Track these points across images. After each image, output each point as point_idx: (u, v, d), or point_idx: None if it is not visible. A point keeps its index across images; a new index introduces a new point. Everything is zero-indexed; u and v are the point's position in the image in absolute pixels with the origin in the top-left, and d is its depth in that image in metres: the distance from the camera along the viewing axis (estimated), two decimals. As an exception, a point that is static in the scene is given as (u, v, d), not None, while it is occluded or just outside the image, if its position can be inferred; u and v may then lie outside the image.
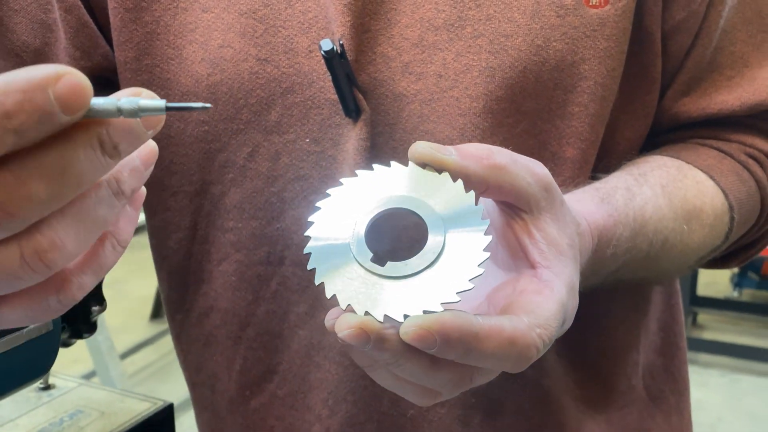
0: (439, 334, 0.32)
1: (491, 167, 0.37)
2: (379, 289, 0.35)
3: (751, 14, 0.60)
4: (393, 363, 0.35)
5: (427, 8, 0.53)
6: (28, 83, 0.24)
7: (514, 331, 0.34)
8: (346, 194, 0.38)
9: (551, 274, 0.38)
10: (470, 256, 0.35)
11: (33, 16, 0.60)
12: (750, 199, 0.60)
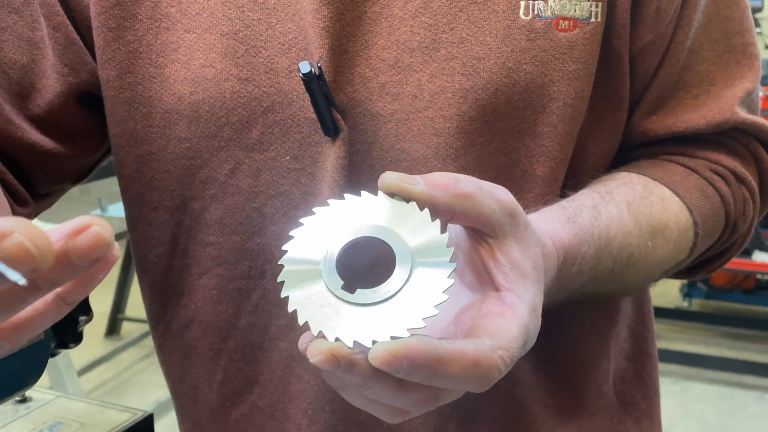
0: (406, 358, 0.34)
1: (457, 196, 0.40)
2: (349, 316, 0.37)
3: (717, 35, 0.63)
4: (363, 386, 0.37)
5: (402, 31, 0.56)
6: None
7: (477, 354, 0.36)
8: (317, 223, 0.40)
9: (514, 297, 0.40)
10: (435, 283, 0.37)
11: (20, 33, 0.61)
12: (714, 214, 0.63)
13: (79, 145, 0.66)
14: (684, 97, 0.63)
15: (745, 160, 0.65)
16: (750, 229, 0.67)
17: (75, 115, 0.63)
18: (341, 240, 0.39)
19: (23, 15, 0.61)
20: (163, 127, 0.60)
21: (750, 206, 0.65)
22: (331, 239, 0.39)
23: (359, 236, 0.39)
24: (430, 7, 0.55)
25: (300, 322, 0.37)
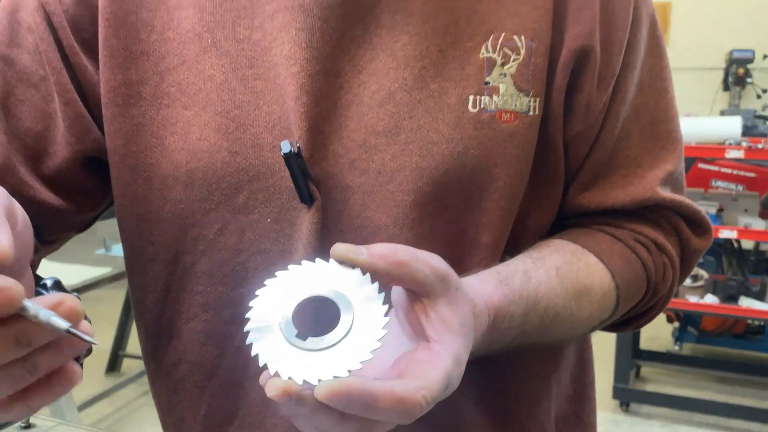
0: (344, 394, 0.43)
1: (394, 263, 0.48)
2: (301, 359, 0.45)
3: (645, 123, 0.72)
4: (310, 416, 0.45)
5: (370, 116, 0.65)
6: None
7: (403, 393, 0.44)
8: (278, 284, 0.49)
9: (441, 348, 0.48)
10: (372, 333, 0.45)
11: (36, 105, 0.70)
12: (636, 279, 0.71)
13: (83, 203, 0.75)
14: (613, 177, 0.72)
15: (667, 232, 0.74)
16: (671, 292, 0.76)
17: (80, 177, 0.73)
18: (297, 298, 0.48)
19: (40, 89, 0.70)
20: (161, 190, 0.69)
21: (669, 272, 0.73)
22: (289, 297, 0.48)
23: (312, 295, 0.48)
24: (393, 98, 0.64)
25: (260, 364, 0.45)
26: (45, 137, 0.71)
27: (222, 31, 0.67)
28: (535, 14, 0.65)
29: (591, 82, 0.67)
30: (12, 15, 0.71)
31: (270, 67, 0.66)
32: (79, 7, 0.69)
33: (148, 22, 0.68)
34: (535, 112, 0.66)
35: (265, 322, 0.47)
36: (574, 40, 0.66)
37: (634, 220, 0.73)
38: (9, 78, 0.70)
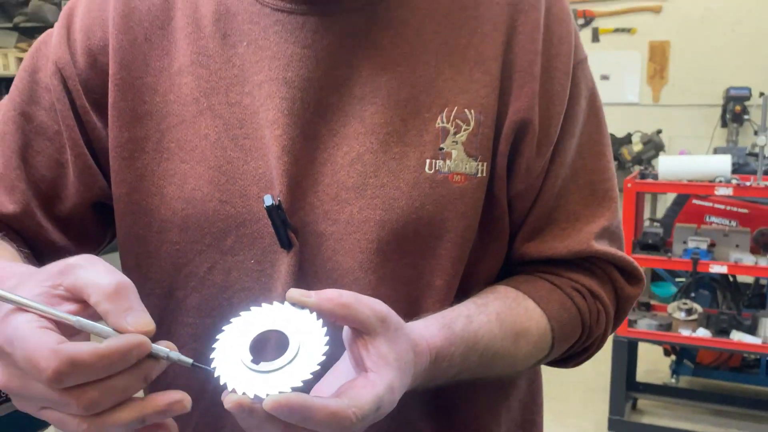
0: (286, 406, 0.52)
1: (339, 305, 0.58)
2: (254, 379, 0.54)
3: (584, 182, 0.82)
4: (260, 426, 0.54)
5: (342, 174, 0.75)
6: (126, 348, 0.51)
7: (336, 408, 0.54)
8: (242, 321, 0.59)
9: (376, 377, 0.58)
10: (313, 359, 0.55)
11: (51, 156, 0.81)
12: (571, 322, 0.80)
13: (87, 243, 0.85)
14: (554, 230, 0.81)
15: (602, 280, 0.83)
16: (605, 334, 0.85)
17: (87, 220, 0.83)
18: (256, 331, 0.58)
19: (54, 142, 0.81)
20: (159, 233, 0.79)
21: (603, 317, 0.83)
22: (250, 331, 0.58)
23: (267, 329, 0.58)
24: (361, 159, 0.74)
25: (221, 383, 0.55)
26: (57, 184, 0.81)
27: (216, 96, 0.77)
28: (484, 91, 0.75)
29: (530, 148, 0.77)
30: (32, 76, 0.81)
31: (257, 129, 0.76)
32: (91, 72, 0.80)
33: (152, 86, 0.79)
34: (482, 174, 0.76)
35: (228, 351, 0.57)
36: (516, 114, 0.76)
37: (572, 269, 0.82)
38: (27, 132, 0.80)
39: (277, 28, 0.76)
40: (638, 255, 3.22)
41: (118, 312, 0.52)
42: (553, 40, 0.78)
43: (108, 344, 0.50)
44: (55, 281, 0.54)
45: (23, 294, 0.52)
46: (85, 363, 0.49)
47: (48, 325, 0.51)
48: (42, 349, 0.49)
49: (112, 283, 0.53)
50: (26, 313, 0.51)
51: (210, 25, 0.79)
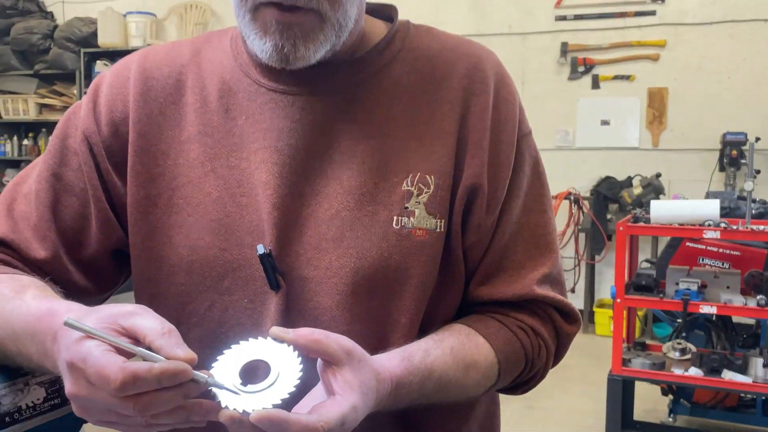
0: (267, 418, 0.66)
1: (311, 341, 0.72)
2: (242, 398, 0.68)
3: (527, 236, 0.96)
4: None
5: (323, 227, 0.89)
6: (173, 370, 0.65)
7: (307, 421, 0.67)
8: (234, 352, 0.73)
9: (342, 399, 0.71)
10: (289, 383, 0.69)
11: (77, 210, 0.96)
12: (515, 356, 0.94)
13: (104, 284, 1.00)
14: (502, 276, 0.95)
15: (543, 320, 0.97)
16: (547, 367, 0.98)
17: (106, 264, 0.98)
18: (245, 360, 0.72)
19: (80, 198, 0.96)
20: (168, 275, 0.93)
21: (544, 351, 0.96)
22: (240, 359, 0.72)
23: (253, 359, 0.72)
24: (339, 215, 0.89)
25: (216, 401, 0.69)
26: (82, 234, 0.96)
27: (219, 160, 0.93)
28: (442, 160, 0.91)
29: (481, 208, 0.92)
30: (63, 141, 0.97)
31: (252, 188, 0.91)
32: (113, 139, 0.95)
33: (165, 152, 0.94)
34: (440, 230, 0.91)
35: (222, 375, 0.71)
36: (468, 179, 0.91)
37: (518, 310, 0.96)
38: (58, 189, 0.96)
39: (271, 105, 0.92)
40: (631, 296, 3.33)
41: (170, 346, 0.68)
42: (500, 118, 0.93)
43: (161, 366, 0.66)
44: (114, 321, 0.70)
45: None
46: (143, 378, 0.65)
47: (112, 350, 0.67)
48: (111, 365, 0.65)
49: (165, 327, 0.70)
50: (94, 340, 0.68)
51: (215, 101, 0.94)
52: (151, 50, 1.00)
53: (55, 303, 0.80)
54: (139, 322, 0.70)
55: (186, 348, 0.68)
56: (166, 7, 7.38)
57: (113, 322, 0.70)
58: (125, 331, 0.70)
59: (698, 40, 5.69)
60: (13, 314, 0.80)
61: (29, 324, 0.78)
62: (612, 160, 5.91)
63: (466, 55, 0.96)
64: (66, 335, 0.69)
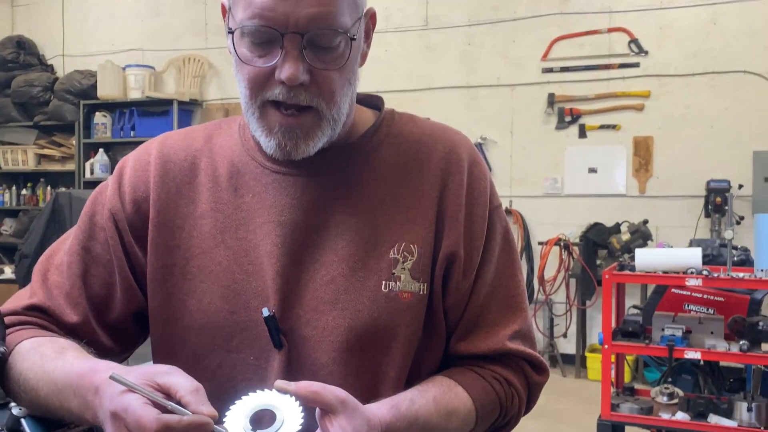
0: None
1: (310, 392, 0.83)
2: None
3: (500, 297, 1.08)
4: None
5: (320, 291, 1.01)
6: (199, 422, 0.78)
7: None
8: (244, 402, 0.83)
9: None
10: (292, 429, 0.80)
11: (104, 279, 1.07)
12: (491, 404, 1.05)
13: (126, 344, 1.11)
14: (478, 333, 1.07)
15: (515, 371, 1.08)
16: (520, 413, 1.10)
17: (128, 326, 1.09)
18: (254, 408, 0.83)
19: (106, 268, 1.07)
20: (182, 336, 1.04)
21: (516, 399, 1.08)
22: (249, 408, 0.83)
23: (262, 408, 0.83)
24: (335, 280, 1.01)
25: None
26: (108, 300, 1.07)
27: (229, 233, 1.04)
28: (423, 232, 1.03)
29: (458, 273, 1.04)
30: (91, 218, 1.09)
31: (258, 257, 1.02)
32: (135, 216, 1.07)
33: (181, 226, 1.06)
34: (423, 292, 1.02)
35: (235, 422, 0.82)
36: (447, 248, 1.03)
37: (492, 363, 1.08)
38: (87, 261, 1.07)
39: (275, 185, 1.04)
40: (618, 342, 3.43)
41: (197, 402, 0.80)
42: (474, 195, 1.06)
43: (188, 419, 0.78)
44: (152, 378, 0.82)
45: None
46: (173, 428, 0.76)
47: (149, 403, 0.79)
48: (148, 416, 0.77)
49: (194, 385, 0.82)
50: (134, 393, 0.79)
51: (225, 181, 1.07)
52: (169, 136, 1.13)
53: (95, 362, 0.92)
54: (172, 380, 0.82)
55: (209, 405, 0.80)
56: (165, 60, 7.57)
57: (150, 379, 0.81)
58: (160, 387, 0.81)
59: (681, 91, 5.89)
60: (56, 372, 0.92)
61: (72, 380, 0.89)
62: (600, 206, 6.06)
63: (442, 141, 1.09)
64: (109, 389, 0.81)
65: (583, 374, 5.77)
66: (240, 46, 0.96)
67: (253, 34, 0.94)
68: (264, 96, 0.96)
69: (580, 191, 6.13)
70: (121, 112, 7.48)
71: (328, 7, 0.93)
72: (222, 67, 7.40)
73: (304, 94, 0.95)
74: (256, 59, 0.95)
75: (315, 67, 0.95)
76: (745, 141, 5.70)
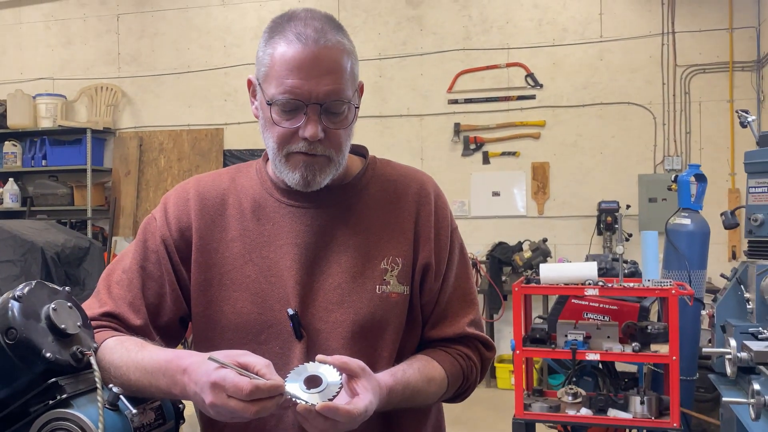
0: (326, 408, 1.07)
1: (341, 362, 1.13)
2: (308, 396, 1.08)
3: (460, 294, 1.42)
4: (314, 419, 1.08)
5: (330, 294, 1.31)
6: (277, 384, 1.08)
7: (348, 408, 1.09)
8: (296, 371, 1.12)
9: (364, 396, 1.13)
10: (334, 388, 1.09)
11: (156, 291, 1.34)
12: (457, 374, 1.38)
13: (172, 343, 1.36)
14: (445, 323, 1.40)
15: (472, 349, 1.42)
16: (476, 382, 1.43)
17: (175, 329, 1.36)
18: (305, 374, 1.12)
19: (158, 282, 1.34)
20: (220, 335, 1.31)
21: (474, 371, 1.41)
22: (301, 375, 1.11)
23: (310, 373, 1.12)
24: (341, 286, 1.31)
25: (293, 399, 1.08)
26: (160, 307, 1.35)
27: (255, 252, 1.33)
28: (405, 247, 1.36)
29: (430, 278, 1.37)
30: (144, 244, 1.37)
31: (279, 271, 1.32)
32: (181, 241, 1.36)
33: (216, 248, 1.35)
34: (406, 293, 1.35)
35: (293, 385, 1.10)
36: (422, 259, 1.36)
37: (456, 344, 1.41)
38: (143, 277, 1.34)
39: (290, 215, 1.35)
40: (528, 348, 3.83)
41: (270, 373, 1.07)
42: (439, 219, 1.40)
43: (269, 382, 1.05)
44: (233, 358, 1.08)
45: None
46: (261, 388, 1.04)
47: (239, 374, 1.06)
48: (243, 381, 1.03)
49: (266, 361, 1.09)
50: (226, 368, 1.06)
51: (249, 213, 1.36)
52: (201, 178, 1.43)
53: (177, 351, 1.19)
54: (249, 359, 1.09)
55: (278, 375, 1.08)
56: (76, 90, 7.60)
57: (233, 359, 1.09)
58: (240, 365, 1.08)
59: (573, 120, 6.47)
60: (144, 360, 1.19)
61: (160, 365, 1.16)
62: (503, 227, 6.55)
63: (414, 179, 1.43)
64: (201, 367, 1.08)
65: (493, 384, 6.18)
66: (272, 112, 1.26)
67: (283, 105, 1.25)
68: (290, 149, 1.28)
69: (485, 213, 6.60)
70: (32, 141, 7.45)
71: (338, 85, 1.25)
72: (135, 96, 7.50)
73: (320, 147, 1.27)
74: (284, 122, 1.27)
75: (328, 127, 1.27)
76: (631, 166, 6.32)
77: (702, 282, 4.41)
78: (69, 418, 1.06)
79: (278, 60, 1.25)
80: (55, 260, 4.70)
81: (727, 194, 6.11)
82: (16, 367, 1.08)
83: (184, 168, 7.38)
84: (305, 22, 1.26)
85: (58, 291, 1.16)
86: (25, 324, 1.08)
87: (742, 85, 6.18)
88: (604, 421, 3.72)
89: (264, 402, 1.05)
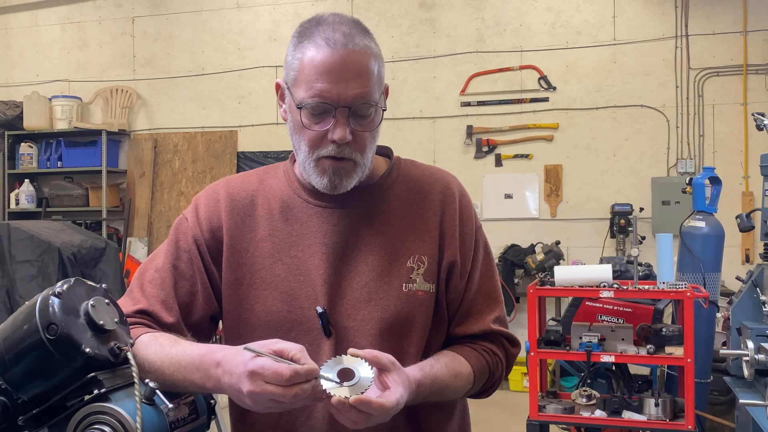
0: (359, 401, 1.09)
1: (373, 356, 1.15)
2: (342, 390, 1.11)
3: (485, 292, 1.44)
4: (347, 412, 1.10)
5: (357, 293, 1.33)
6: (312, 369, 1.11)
7: (380, 401, 1.11)
8: (329, 363, 1.15)
9: (395, 390, 1.15)
10: (367, 381, 1.12)
11: (188, 289, 1.37)
12: (483, 370, 1.40)
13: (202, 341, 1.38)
14: (471, 320, 1.42)
15: (498, 345, 1.44)
16: (501, 377, 1.45)
17: (206, 326, 1.39)
18: (338, 368, 1.14)
19: (190, 281, 1.37)
20: (251, 332, 1.34)
21: (500, 367, 1.43)
22: (334, 368, 1.14)
23: (343, 366, 1.14)
24: (368, 284, 1.34)
25: (327, 392, 1.11)
26: (191, 305, 1.37)
27: (284, 252, 1.36)
28: (430, 247, 1.38)
29: (456, 276, 1.39)
30: (176, 243, 1.40)
31: (307, 270, 1.34)
32: (212, 241, 1.39)
33: (246, 248, 1.37)
34: (432, 291, 1.37)
35: (327, 378, 1.12)
36: (447, 258, 1.38)
37: (482, 340, 1.43)
38: (176, 276, 1.37)
39: (318, 216, 1.37)
40: (542, 350, 3.84)
41: (305, 358, 1.10)
42: (464, 218, 1.42)
43: (306, 366, 1.08)
44: (268, 347, 1.11)
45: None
46: (299, 372, 1.06)
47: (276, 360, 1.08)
48: (281, 367, 1.06)
49: (299, 347, 1.11)
50: (263, 357, 1.08)
51: (278, 214, 1.39)
52: (231, 180, 1.46)
53: (209, 345, 1.22)
54: (282, 345, 1.12)
55: (311, 360, 1.11)
56: (92, 92, 7.67)
57: (268, 347, 1.11)
58: (274, 352, 1.11)
59: (586, 123, 6.48)
60: (178, 355, 1.21)
61: (194, 359, 1.19)
62: (516, 229, 6.56)
63: (439, 180, 1.45)
64: (237, 358, 1.12)
65: (505, 386, 6.20)
66: (302, 116, 1.29)
67: (313, 108, 1.28)
68: (320, 153, 1.31)
69: (497, 215, 6.62)
70: (48, 142, 7.52)
71: (366, 89, 1.28)
72: (150, 98, 7.56)
73: (348, 149, 1.30)
74: (314, 125, 1.29)
75: (356, 129, 1.29)
76: (644, 168, 6.32)
77: (716, 285, 4.42)
78: (108, 412, 1.09)
79: (307, 64, 1.28)
80: (71, 260, 4.73)
81: (741, 197, 6.11)
82: (56, 361, 1.11)
83: (199, 170, 7.43)
84: (333, 26, 1.29)
85: (96, 288, 1.19)
86: (65, 320, 1.11)
87: (756, 88, 6.17)
88: (618, 423, 3.73)
89: (301, 385, 1.08)
